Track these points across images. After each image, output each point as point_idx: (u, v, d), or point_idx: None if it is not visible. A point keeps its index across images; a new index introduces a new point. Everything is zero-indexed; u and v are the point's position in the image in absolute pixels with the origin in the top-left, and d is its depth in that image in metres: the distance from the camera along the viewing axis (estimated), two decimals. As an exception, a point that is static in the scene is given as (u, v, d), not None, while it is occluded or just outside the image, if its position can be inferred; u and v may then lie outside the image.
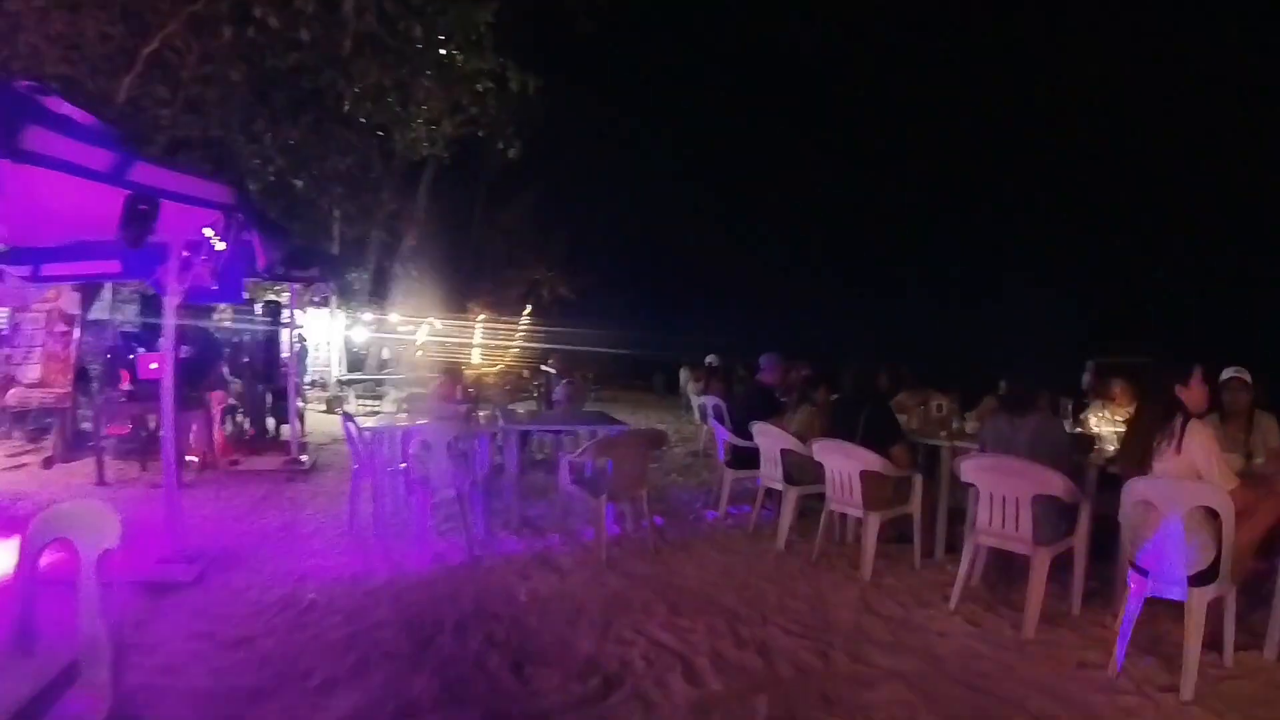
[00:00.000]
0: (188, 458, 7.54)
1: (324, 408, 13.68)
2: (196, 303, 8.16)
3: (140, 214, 4.15)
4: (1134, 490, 3.01)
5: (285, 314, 9.26)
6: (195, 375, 8.50)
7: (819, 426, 4.83)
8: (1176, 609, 3.02)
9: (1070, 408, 4.75)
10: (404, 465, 4.72)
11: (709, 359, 8.70)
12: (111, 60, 8.72)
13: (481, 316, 22.92)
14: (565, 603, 3.78)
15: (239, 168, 9.39)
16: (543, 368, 10.30)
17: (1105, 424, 4.56)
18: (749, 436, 5.12)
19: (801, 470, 4.67)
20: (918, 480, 4.21)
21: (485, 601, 3.80)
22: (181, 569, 4.07)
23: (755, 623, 3.53)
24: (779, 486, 4.79)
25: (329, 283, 8.03)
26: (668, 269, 27.92)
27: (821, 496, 4.51)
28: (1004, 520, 3.44)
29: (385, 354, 16.35)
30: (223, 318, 9.68)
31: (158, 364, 7.72)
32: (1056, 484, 3.30)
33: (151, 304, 9.08)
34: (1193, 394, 3.14)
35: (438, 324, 20.97)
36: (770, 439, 4.80)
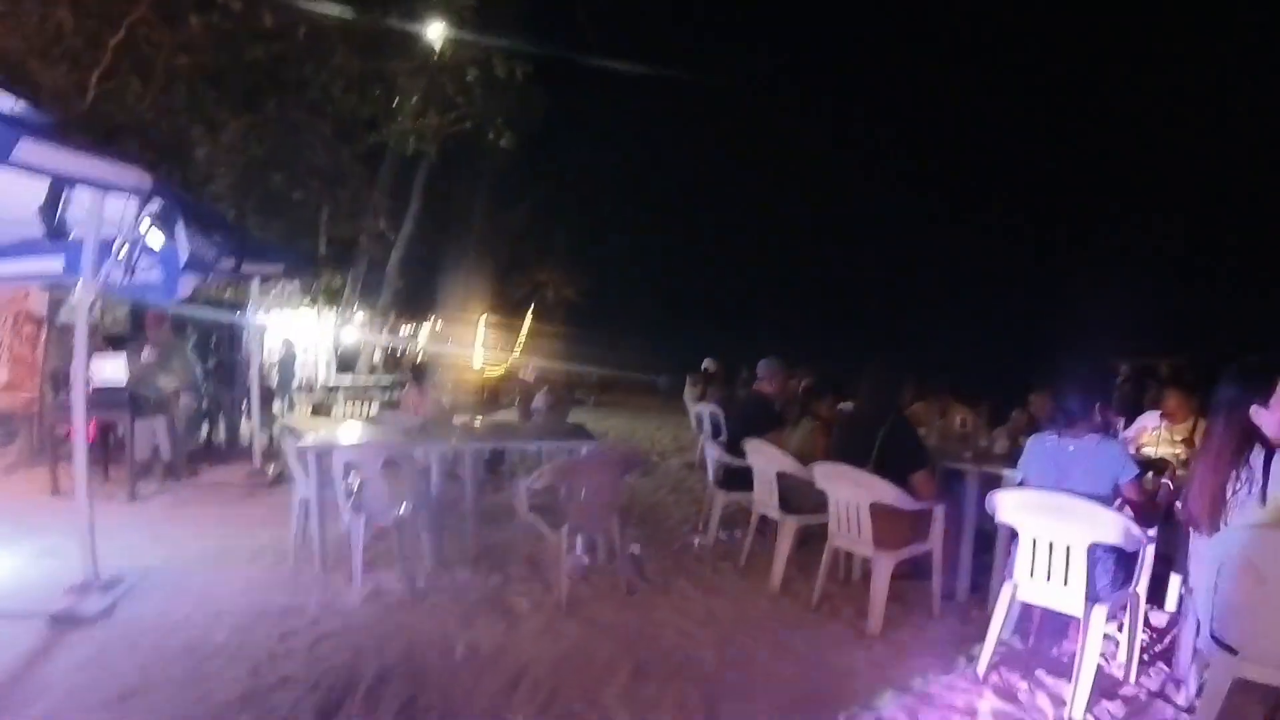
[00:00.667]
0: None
1: (309, 412, 13.17)
2: (131, 299, 7.66)
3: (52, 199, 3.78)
4: (1222, 548, 2.30)
5: (263, 315, 8.74)
6: (158, 379, 8.01)
7: (822, 445, 4.13)
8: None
9: (1120, 426, 4.03)
10: (321, 491, 4.10)
11: (706, 363, 8.01)
12: (87, 55, 8.40)
13: (484, 318, 22.39)
14: (509, 659, 3.13)
15: (211, 161, 8.94)
16: (521, 375, 9.68)
17: (1164, 444, 3.87)
18: (744, 452, 4.44)
19: (801, 496, 3.98)
20: (939, 512, 3.51)
21: (415, 654, 3.19)
22: (91, 600, 3.60)
23: (738, 695, 2.84)
24: (774, 515, 4.10)
25: (296, 280, 7.47)
26: (676, 270, 27.27)
27: (826, 525, 3.83)
28: (1050, 572, 2.75)
29: (377, 357, 15.79)
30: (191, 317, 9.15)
31: (112, 368, 7.25)
32: (1121, 529, 2.60)
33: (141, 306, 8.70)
34: (1276, 417, 2.40)
35: (438, 326, 20.48)
36: (764, 459, 4.12)
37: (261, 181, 8.99)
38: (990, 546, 3.86)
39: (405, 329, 19.16)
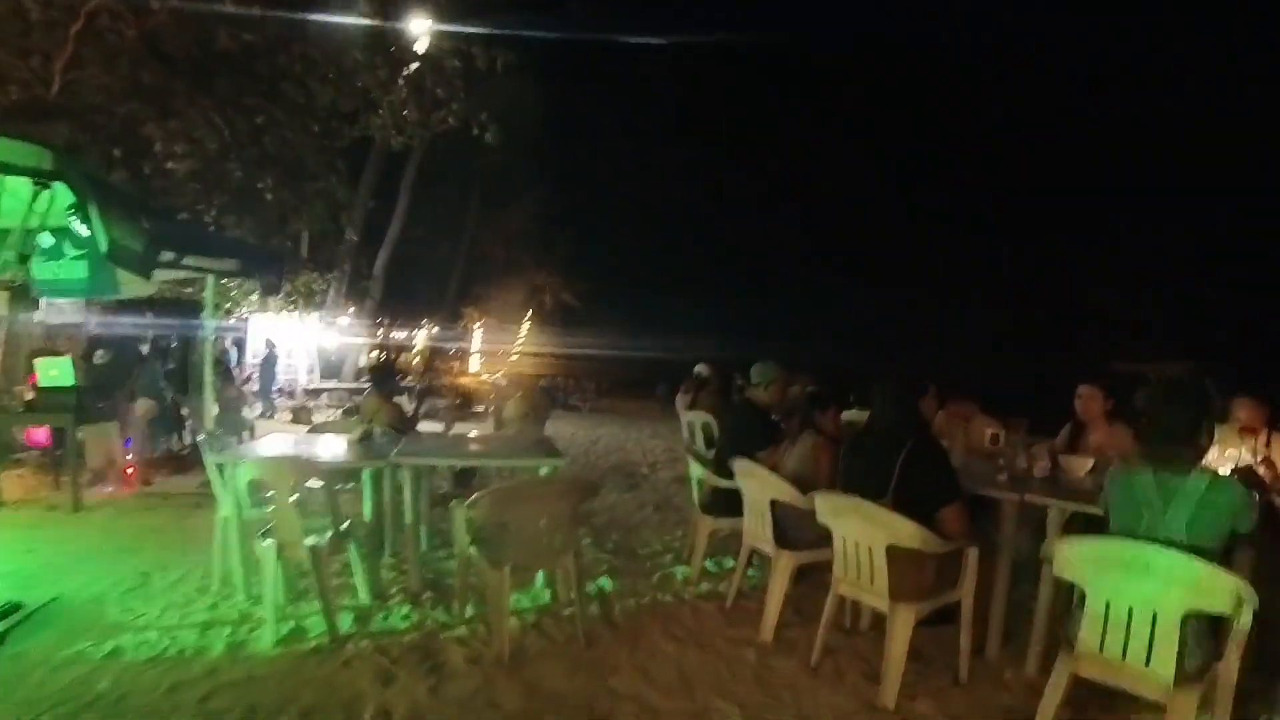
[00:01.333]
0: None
1: (290, 417, 12.60)
2: (58, 298, 7.12)
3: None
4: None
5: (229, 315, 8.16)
6: (110, 383, 7.50)
7: (826, 465, 3.43)
8: None
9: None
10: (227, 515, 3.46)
11: (698, 368, 7.32)
12: (51, 45, 8.03)
13: (479, 323, 21.84)
14: (425, 735, 2.48)
15: (171, 155, 8.47)
16: (493, 380, 9.03)
17: (1233, 463, 3.18)
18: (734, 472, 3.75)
19: (801, 527, 3.29)
20: (972, 555, 2.80)
21: (316, 717, 2.62)
22: (-23, 628, 3.22)
23: (707, 802, 2.17)
24: (768, 549, 3.41)
25: (258, 279, 6.86)
26: (678, 275, 26.65)
27: (829, 561, 3.14)
28: (1126, 646, 2.04)
29: (362, 361, 15.19)
30: (143, 318, 8.60)
31: (58, 371, 6.76)
32: (1232, 594, 1.90)
33: (128, 306, 8.21)
34: None
35: (433, 330, 19.92)
36: (756, 483, 3.42)
37: (226, 176, 8.47)
38: (1025, 578, 3.19)
39: (397, 332, 18.59)
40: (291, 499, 3.13)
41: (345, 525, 3.46)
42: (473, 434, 6.00)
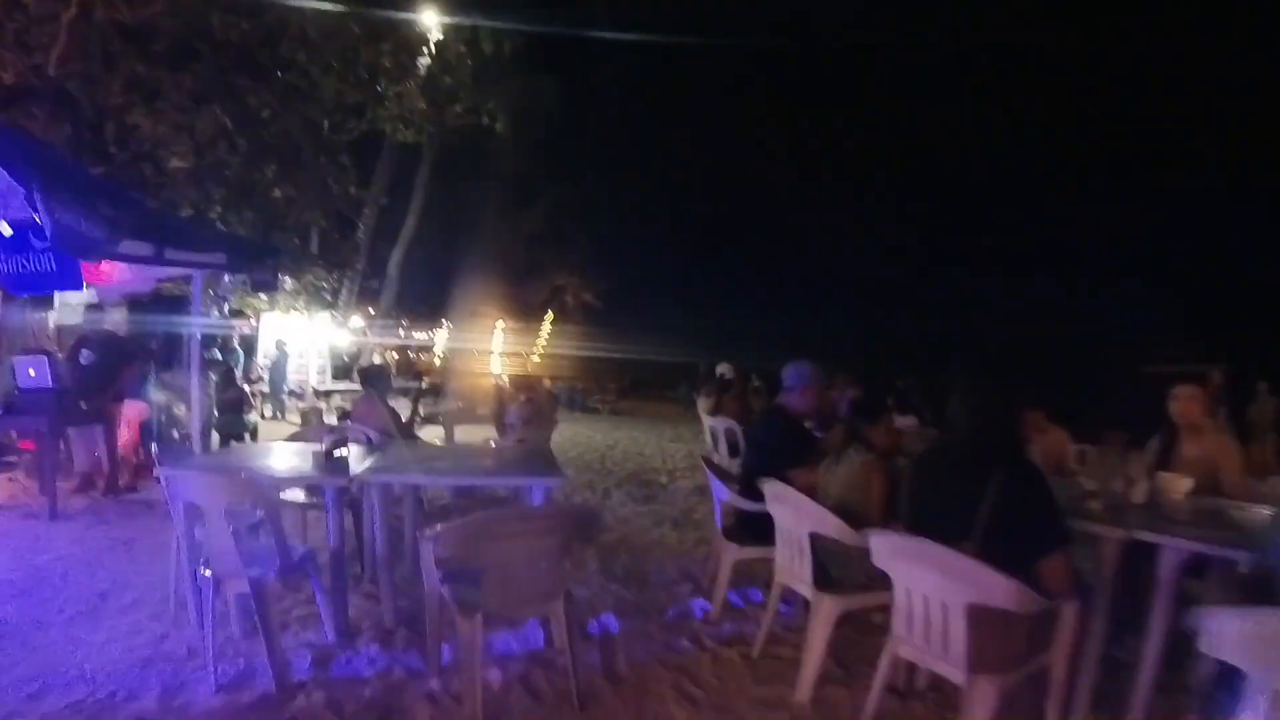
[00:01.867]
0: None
1: (299, 420, 12.27)
2: (18, 293, 6.76)
3: None
4: None
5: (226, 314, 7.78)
6: (96, 384, 7.11)
7: (879, 490, 2.79)
8: None
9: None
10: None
11: (720, 369, 6.72)
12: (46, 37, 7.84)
13: (499, 323, 21.47)
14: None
15: (167, 146, 8.16)
16: (499, 382, 8.55)
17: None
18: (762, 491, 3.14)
19: (847, 565, 2.68)
20: (1070, 612, 2.16)
21: None
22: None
23: None
24: (805, 591, 2.79)
25: (241, 275, 6.43)
26: (701, 274, 26.06)
27: (883, 605, 2.53)
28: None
29: (378, 361, 14.88)
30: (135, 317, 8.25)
31: (35, 371, 6.40)
32: None
33: (140, 306, 7.90)
34: None
35: (450, 330, 19.59)
36: (791, 511, 2.80)
37: (223, 166, 8.14)
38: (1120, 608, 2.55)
39: (414, 333, 18.30)
40: (225, 523, 2.60)
41: (301, 553, 2.94)
42: (489, 443, 5.49)
